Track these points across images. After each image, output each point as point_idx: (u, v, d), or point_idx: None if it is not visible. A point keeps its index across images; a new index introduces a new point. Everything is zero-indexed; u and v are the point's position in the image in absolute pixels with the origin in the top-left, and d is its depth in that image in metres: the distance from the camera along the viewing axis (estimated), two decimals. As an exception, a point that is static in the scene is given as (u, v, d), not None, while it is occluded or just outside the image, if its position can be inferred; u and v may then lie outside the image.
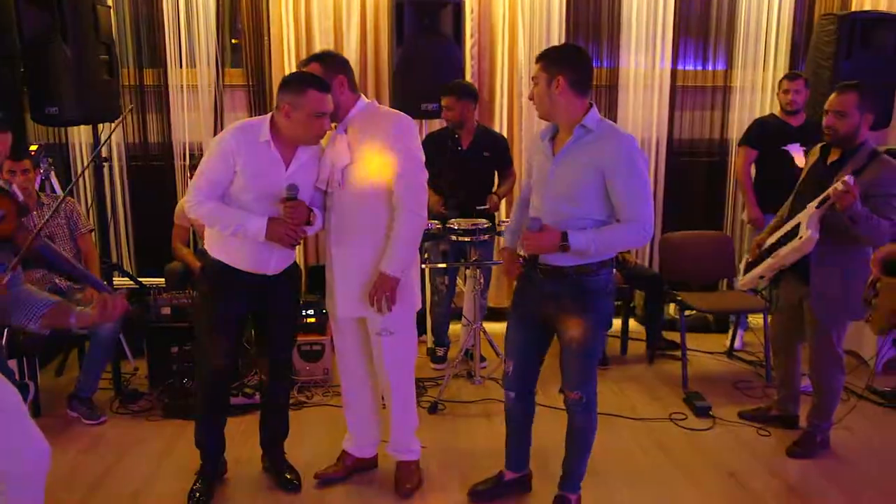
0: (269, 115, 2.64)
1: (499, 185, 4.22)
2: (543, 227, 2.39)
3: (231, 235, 2.62)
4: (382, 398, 3.00)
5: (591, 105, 2.44)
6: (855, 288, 2.80)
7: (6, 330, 3.62)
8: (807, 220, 2.92)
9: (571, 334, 2.48)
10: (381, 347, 2.78)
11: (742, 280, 3.38)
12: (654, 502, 2.85)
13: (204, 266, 2.84)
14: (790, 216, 3.10)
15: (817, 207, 2.88)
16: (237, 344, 2.91)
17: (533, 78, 2.48)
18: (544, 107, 2.45)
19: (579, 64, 2.42)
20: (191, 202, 2.62)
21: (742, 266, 3.45)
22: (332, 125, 2.68)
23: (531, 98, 2.50)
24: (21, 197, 1.90)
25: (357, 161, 2.61)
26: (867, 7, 4.94)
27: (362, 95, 2.74)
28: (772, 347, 3.55)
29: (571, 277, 2.44)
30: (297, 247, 2.76)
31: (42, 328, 1.96)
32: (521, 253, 2.55)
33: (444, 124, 4.18)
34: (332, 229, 2.72)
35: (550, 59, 2.41)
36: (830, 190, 2.80)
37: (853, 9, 4.95)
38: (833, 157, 3.03)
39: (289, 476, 2.95)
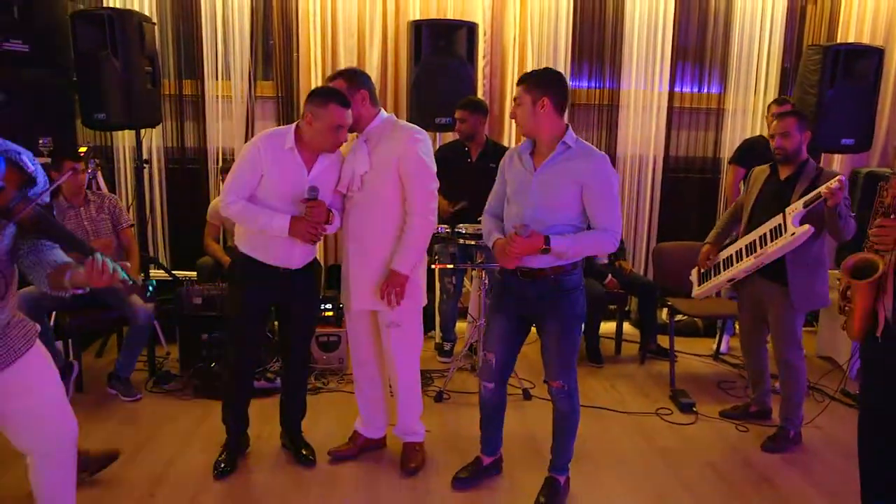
0: (295, 124, 2.80)
1: None
2: (531, 232, 2.50)
3: (258, 232, 2.78)
4: (390, 385, 3.15)
5: (567, 125, 2.59)
6: (821, 277, 3.19)
7: (53, 313, 3.82)
8: (791, 218, 3.10)
9: (552, 328, 2.63)
10: (389, 338, 2.93)
11: (700, 289, 3.54)
12: (637, 486, 2.97)
13: (234, 260, 3.01)
14: (750, 226, 3.31)
15: (805, 206, 3.06)
16: (261, 332, 3.07)
17: (515, 99, 2.58)
18: (529, 125, 2.56)
19: (561, 87, 2.55)
20: (223, 202, 2.78)
21: (694, 277, 3.61)
22: (354, 134, 2.84)
23: (513, 117, 2.61)
24: (31, 168, 1.96)
25: (375, 168, 2.76)
26: (851, 37, 5.06)
27: (382, 109, 2.89)
28: (742, 346, 3.67)
29: (550, 278, 2.59)
30: (318, 245, 2.91)
31: (51, 290, 1.98)
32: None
33: (457, 136, 4.33)
34: (350, 229, 2.87)
35: (535, 83, 2.53)
36: (823, 188, 2.99)
37: (839, 38, 5.08)
38: (785, 173, 3.27)
39: (305, 452, 3.10)
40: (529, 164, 2.63)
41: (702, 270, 3.58)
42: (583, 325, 2.85)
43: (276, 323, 3.46)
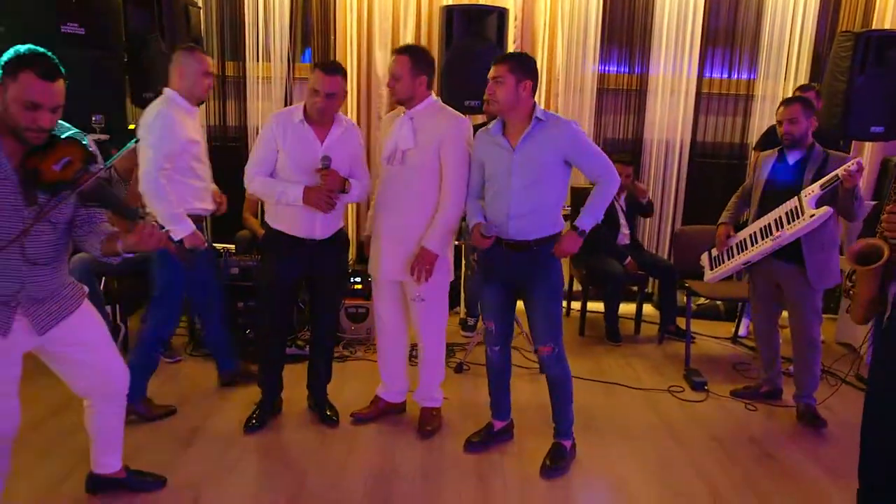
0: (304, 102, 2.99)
1: None
2: (565, 235, 2.76)
3: (277, 203, 2.97)
4: (413, 354, 3.33)
5: (535, 103, 2.76)
6: (834, 255, 3.31)
7: (103, 279, 4.09)
8: (807, 201, 3.18)
9: (539, 296, 2.81)
10: (416, 311, 3.11)
11: (713, 273, 3.62)
12: (644, 456, 3.10)
13: (265, 234, 3.20)
14: (762, 210, 3.39)
15: (821, 188, 3.15)
16: (291, 302, 3.27)
17: (496, 77, 2.70)
18: (508, 103, 2.70)
19: (537, 73, 2.77)
20: (246, 179, 3.01)
21: (705, 262, 3.69)
22: (401, 109, 3.01)
23: (491, 94, 2.72)
24: (94, 147, 2.15)
25: (418, 147, 2.92)
26: (888, 24, 5.00)
27: (433, 93, 3.03)
28: (755, 329, 3.75)
29: (532, 249, 2.77)
30: (348, 217, 3.10)
31: (102, 256, 2.20)
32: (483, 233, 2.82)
33: (485, 119, 4.45)
34: (384, 201, 3.03)
35: (519, 66, 2.69)
36: (841, 171, 3.07)
37: (874, 25, 5.02)
38: (794, 157, 3.38)
39: (329, 413, 3.31)
40: (506, 144, 2.77)
41: (714, 254, 3.65)
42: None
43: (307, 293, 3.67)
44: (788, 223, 3.27)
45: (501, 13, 4.60)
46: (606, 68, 5.30)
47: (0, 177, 2.01)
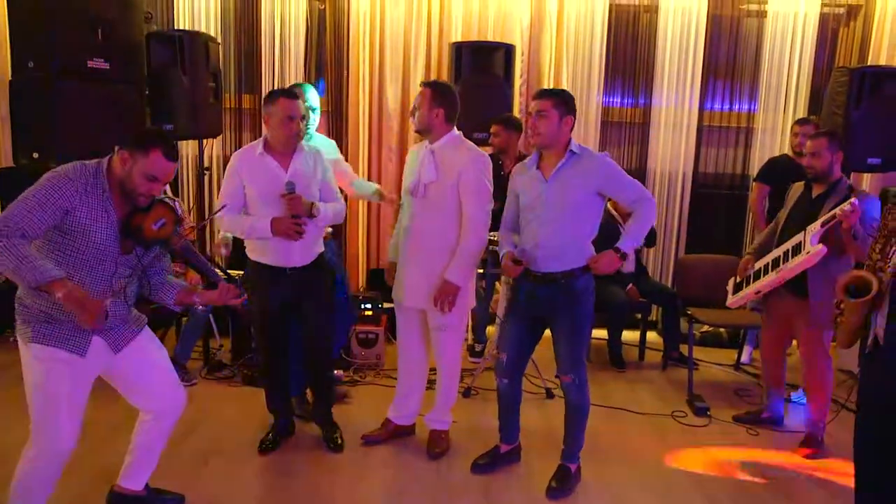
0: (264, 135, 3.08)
1: None
2: (603, 254, 2.80)
3: (247, 238, 3.08)
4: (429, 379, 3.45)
5: (570, 138, 2.88)
6: None
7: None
8: (810, 237, 3.26)
9: (563, 327, 2.89)
10: (438, 340, 3.23)
11: (734, 298, 3.70)
12: (645, 479, 3.18)
13: (248, 267, 3.24)
14: (780, 241, 3.47)
15: (822, 226, 3.22)
16: (283, 332, 3.26)
17: (541, 111, 2.82)
18: (550, 137, 2.83)
19: (576, 110, 2.89)
20: (218, 219, 3.06)
21: (730, 287, 3.77)
22: (423, 141, 3.16)
23: (534, 128, 2.84)
24: (180, 211, 2.49)
25: (441, 180, 3.04)
26: (883, 60, 5.15)
27: (455, 128, 3.15)
28: (763, 356, 3.83)
29: (560, 282, 2.86)
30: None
31: (175, 304, 2.55)
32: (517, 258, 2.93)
33: (492, 150, 4.60)
34: (409, 230, 3.16)
35: (564, 102, 2.83)
36: (838, 210, 3.12)
37: (870, 60, 5.17)
38: (818, 191, 3.43)
39: (335, 436, 3.38)
40: (540, 176, 2.89)
41: (737, 280, 3.73)
42: (593, 328, 3.09)
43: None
44: (792, 257, 3.35)
45: (508, 49, 4.78)
46: (610, 101, 5.47)
47: (107, 225, 2.32)
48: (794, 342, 3.80)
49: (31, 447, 2.36)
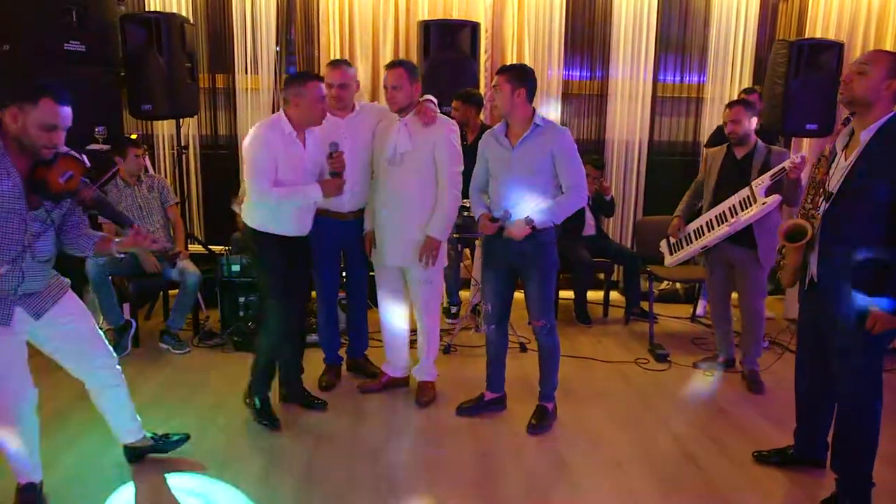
0: (280, 112, 3.15)
1: None
2: (516, 222, 3.09)
3: (295, 207, 3.18)
4: (412, 339, 3.73)
5: (534, 109, 3.16)
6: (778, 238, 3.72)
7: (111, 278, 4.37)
8: (758, 190, 3.65)
9: (534, 276, 3.22)
10: (419, 294, 3.50)
11: (673, 257, 4.09)
12: (615, 416, 3.53)
13: (260, 242, 3.21)
14: (716, 200, 3.86)
15: (771, 179, 3.62)
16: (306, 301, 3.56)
17: (495, 86, 3.13)
18: (506, 109, 3.12)
19: (533, 81, 3.15)
20: (258, 193, 3.06)
21: (664, 249, 4.15)
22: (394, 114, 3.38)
23: (491, 101, 3.16)
24: (87, 161, 2.46)
25: (416, 148, 3.31)
26: (819, 33, 5.58)
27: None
28: (710, 305, 4.23)
29: (528, 236, 3.13)
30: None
31: (94, 254, 2.60)
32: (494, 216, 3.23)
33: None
34: (386, 197, 3.39)
35: (514, 76, 3.10)
36: (787, 163, 3.54)
37: (807, 34, 5.59)
38: (741, 153, 3.84)
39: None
40: (506, 143, 3.20)
41: (671, 241, 4.12)
42: (559, 288, 3.41)
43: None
44: (742, 210, 3.74)
45: (474, 27, 5.04)
46: (570, 74, 5.78)
47: (11, 186, 2.33)
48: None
49: None
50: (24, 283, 2.43)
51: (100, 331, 2.74)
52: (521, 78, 3.11)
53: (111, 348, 2.77)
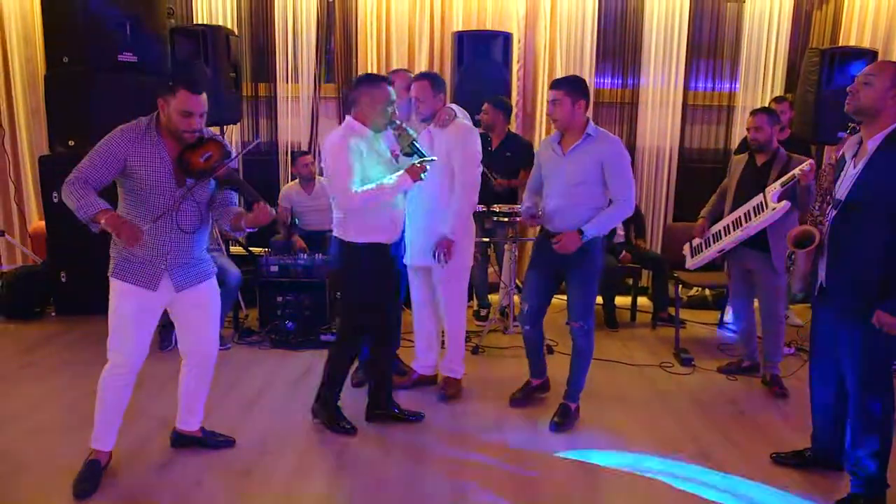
0: (348, 119, 3.19)
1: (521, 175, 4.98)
2: (566, 234, 3.25)
3: (388, 199, 3.16)
4: (443, 339, 3.87)
5: (588, 119, 3.30)
6: None
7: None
8: (770, 196, 3.72)
9: (577, 278, 3.37)
10: (440, 293, 3.66)
11: (693, 260, 4.15)
12: (636, 418, 3.62)
13: (359, 255, 3.22)
14: (735, 205, 3.92)
15: (781, 185, 3.67)
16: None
17: (555, 100, 3.26)
18: (566, 121, 3.27)
19: (588, 92, 3.31)
20: (347, 199, 3.07)
21: (687, 251, 4.22)
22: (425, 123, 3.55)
23: (551, 114, 3.30)
24: (230, 147, 2.81)
25: (436, 153, 3.43)
26: (853, 41, 5.57)
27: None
28: (733, 308, 4.30)
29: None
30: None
31: (232, 230, 2.84)
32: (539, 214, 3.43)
33: (481, 129, 4.95)
34: (411, 200, 3.52)
35: (573, 88, 3.25)
36: (797, 171, 3.58)
37: (841, 41, 5.59)
38: (761, 160, 3.91)
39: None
40: (559, 150, 3.36)
41: (693, 244, 4.19)
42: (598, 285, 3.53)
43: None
44: (755, 216, 3.81)
45: (507, 37, 5.18)
46: (601, 83, 5.88)
47: (162, 165, 2.68)
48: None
49: (107, 364, 2.81)
50: (171, 252, 2.74)
51: (218, 323, 3.06)
52: (580, 89, 3.26)
53: (217, 343, 3.06)
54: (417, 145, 3.18)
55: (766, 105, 5.07)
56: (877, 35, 5.60)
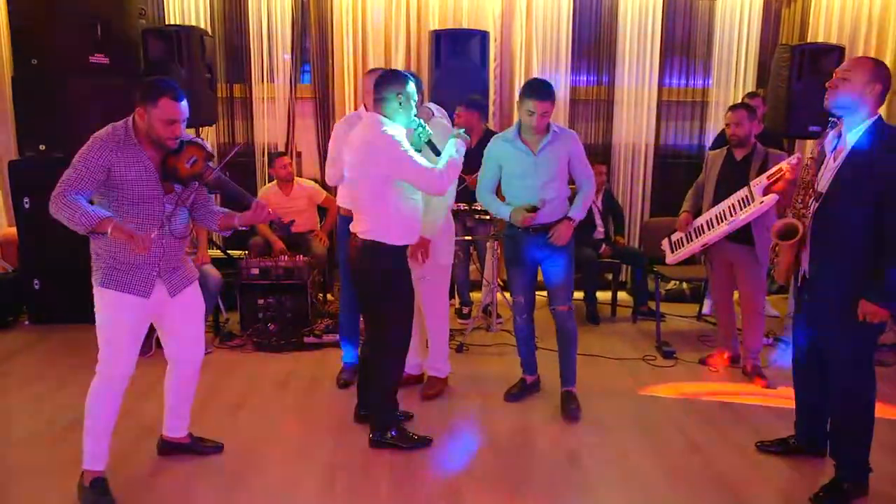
0: (375, 115, 3.02)
1: None
2: (559, 226, 3.40)
3: (415, 207, 3.13)
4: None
5: None
6: None
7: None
8: (756, 190, 3.77)
9: (560, 263, 3.47)
10: (420, 291, 3.64)
11: (674, 255, 4.19)
12: (621, 410, 3.66)
13: (402, 258, 3.17)
14: (716, 200, 3.98)
15: (768, 179, 3.71)
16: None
17: (545, 113, 3.31)
18: (542, 128, 3.38)
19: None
20: (439, 180, 3.00)
21: (666, 247, 4.28)
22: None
23: (539, 126, 3.35)
24: (210, 148, 2.79)
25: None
26: (821, 37, 5.69)
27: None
28: (714, 303, 4.35)
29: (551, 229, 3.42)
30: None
31: (220, 230, 2.87)
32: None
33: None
34: None
35: (553, 99, 3.35)
36: (784, 164, 3.60)
37: (809, 38, 5.71)
38: (740, 154, 3.98)
39: None
40: (525, 148, 3.40)
41: (674, 239, 4.24)
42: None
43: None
44: (741, 209, 3.86)
45: (483, 36, 5.19)
46: (577, 80, 5.93)
47: (147, 175, 2.63)
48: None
49: (96, 376, 2.73)
50: (162, 258, 2.71)
51: (203, 325, 3.03)
52: (553, 99, 3.36)
53: (203, 345, 3.04)
54: (434, 141, 3.17)
55: (741, 100, 5.14)
56: (843, 31, 5.73)
